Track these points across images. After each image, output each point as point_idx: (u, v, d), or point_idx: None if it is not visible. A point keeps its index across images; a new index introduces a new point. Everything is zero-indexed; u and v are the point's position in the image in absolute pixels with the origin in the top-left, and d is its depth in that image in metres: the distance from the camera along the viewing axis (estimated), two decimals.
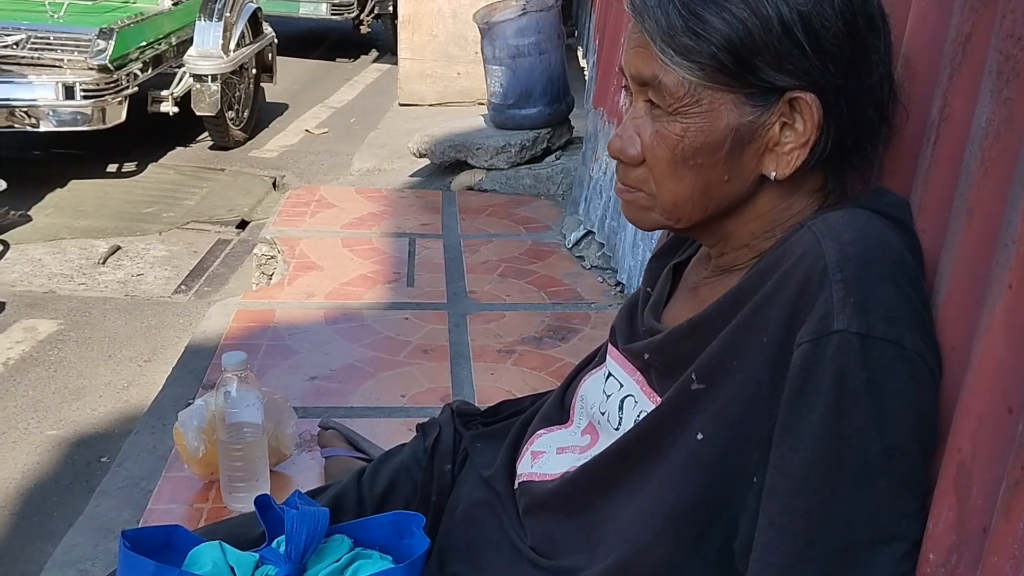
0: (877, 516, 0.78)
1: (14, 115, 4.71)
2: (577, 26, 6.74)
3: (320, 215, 3.71)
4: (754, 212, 0.93)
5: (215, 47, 5.37)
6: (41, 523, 2.44)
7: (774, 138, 0.88)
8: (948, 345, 0.82)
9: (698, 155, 0.88)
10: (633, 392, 0.99)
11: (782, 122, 0.87)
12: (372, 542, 1.11)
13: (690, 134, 0.88)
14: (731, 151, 0.88)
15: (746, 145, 0.88)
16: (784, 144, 0.88)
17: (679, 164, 0.89)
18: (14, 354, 3.27)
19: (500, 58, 4.25)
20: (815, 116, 0.86)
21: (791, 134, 0.87)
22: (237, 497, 1.83)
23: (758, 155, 0.89)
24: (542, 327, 2.79)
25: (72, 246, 4.26)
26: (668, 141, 0.89)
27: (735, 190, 0.91)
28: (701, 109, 0.87)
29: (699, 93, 0.87)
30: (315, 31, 9.74)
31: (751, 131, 0.87)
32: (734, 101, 0.87)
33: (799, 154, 0.88)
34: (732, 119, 0.87)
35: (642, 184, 0.93)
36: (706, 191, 0.90)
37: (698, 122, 0.87)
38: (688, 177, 0.90)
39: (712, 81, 0.86)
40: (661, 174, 0.91)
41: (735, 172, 0.90)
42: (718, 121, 0.87)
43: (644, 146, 0.91)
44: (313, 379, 2.45)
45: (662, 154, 0.90)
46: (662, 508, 0.88)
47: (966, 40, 0.87)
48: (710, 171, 0.89)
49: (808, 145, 0.87)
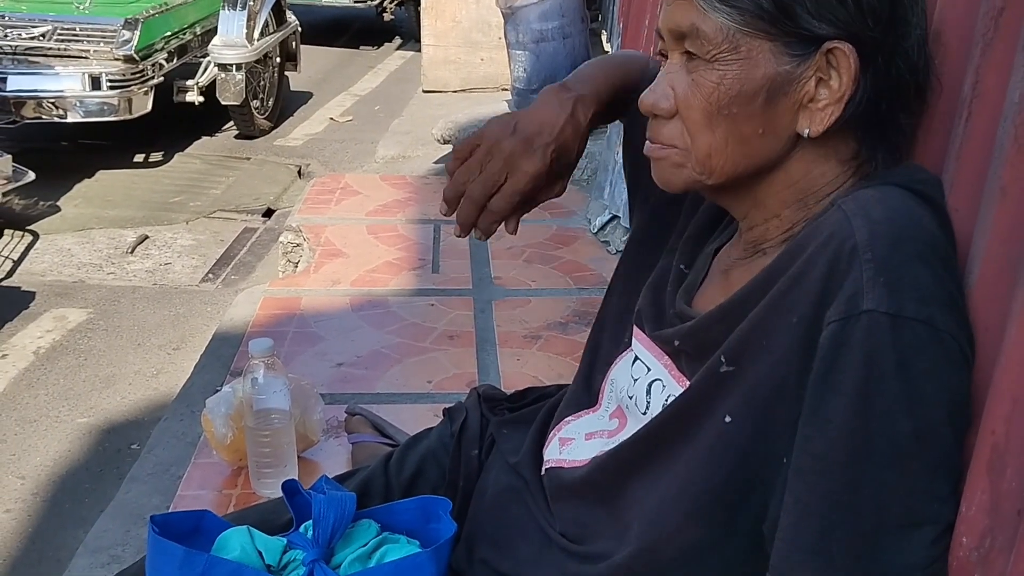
0: (908, 499, 0.77)
1: (42, 106, 4.75)
2: (601, 10, 6.69)
3: (345, 203, 3.71)
4: (786, 178, 0.91)
5: (239, 36, 5.38)
6: (72, 510, 2.47)
7: (809, 94, 0.87)
8: (981, 326, 0.80)
9: (733, 104, 0.87)
10: (661, 376, 0.98)
11: (818, 78, 0.86)
12: (399, 527, 1.11)
13: (726, 81, 0.87)
14: (767, 102, 0.87)
15: (781, 97, 0.87)
16: (819, 100, 0.87)
17: (714, 113, 0.88)
18: (45, 343, 3.31)
19: (524, 43, 4.23)
20: (852, 68, 0.85)
21: (826, 91, 0.87)
22: (265, 483, 1.84)
23: (793, 110, 0.88)
24: (568, 312, 2.79)
25: (101, 236, 4.30)
26: (704, 89, 0.88)
27: (768, 147, 0.90)
28: (739, 56, 0.86)
29: (737, 39, 0.86)
30: (339, 19, 9.75)
31: (787, 82, 0.87)
32: (772, 50, 0.86)
33: (833, 110, 0.87)
34: (769, 68, 0.86)
35: (675, 139, 0.92)
36: (740, 142, 0.89)
37: (735, 69, 0.87)
38: (722, 126, 0.89)
39: (750, 27, 0.85)
40: (695, 124, 0.90)
41: (769, 126, 0.89)
42: (755, 69, 0.87)
43: (678, 98, 0.90)
44: (339, 365, 2.46)
45: (696, 103, 0.89)
46: (691, 492, 0.88)
47: (999, 14, 0.85)
48: (745, 122, 0.88)
49: (843, 101, 0.86)
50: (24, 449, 2.71)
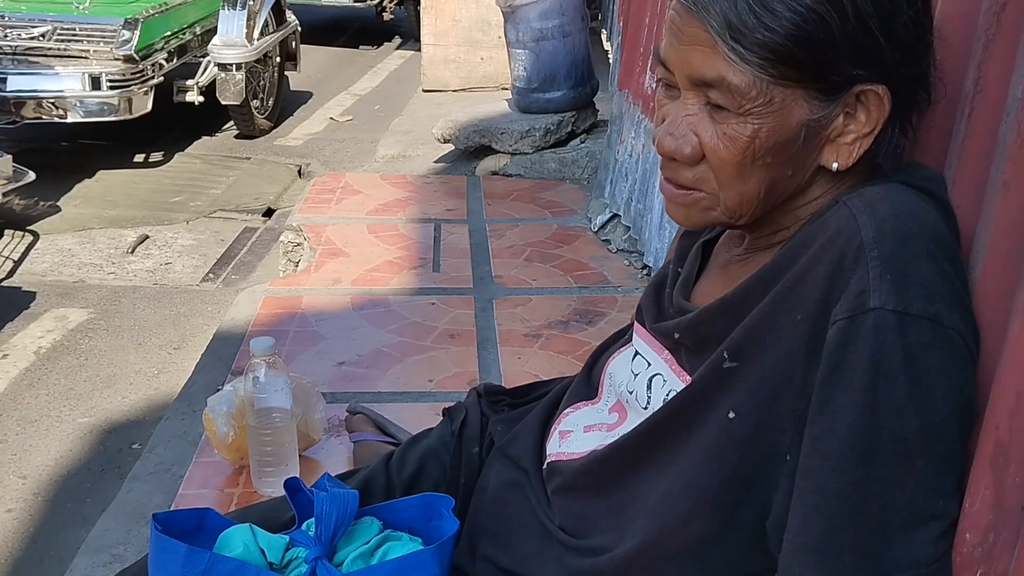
0: (914, 496, 0.77)
1: (42, 106, 4.75)
2: (601, 9, 6.69)
3: (345, 202, 3.71)
4: (805, 199, 0.90)
5: (239, 36, 5.38)
6: (74, 509, 2.46)
7: (837, 129, 0.86)
8: (985, 321, 0.80)
9: (768, 155, 0.85)
10: (662, 371, 0.98)
11: (845, 112, 0.85)
12: (402, 524, 1.11)
13: (762, 134, 0.84)
14: (801, 147, 0.85)
15: (813, 138, 0.85)
16: (847, 135, 0.86)
17: (747, 165, 0.85)
18: (46, 343, 3.31)
19: (524, 41, 4.22)
20: (885, 107, 0.84)
21: (852, 124, 0.85)
22: (267, 482, 1.84)
23: (820, 146, 0.87)
24: (569, 311, 2.79)
25: (101, 236, 4.29)
26: (738, 143, 0.85)
27: (795, 182, 0.88)
28: (773, 108, 0.83)
29: (771, 92, 0.83)
30: (338, 19, 9.74)
31: (820, 125, 0.85)
32: (804, 96, 0.83)
33: (861, 144, 0.86)
34: (803, 114, 0.84)
35: (701, 183, 0.89)
36: (771, 187, 0.87)
37: (770, 122, 0.84)
38: (756, 176, 0.86)
39: (784, 78, 0.82)
40: (727, 176, 0.86)
41: (798, 166, 0.87)
42: (790, 119, 0.84)
43: (705, 146, 0.86)
44: (341, 364, 2.46)
45: (730, 156, 0.85)
46: (693, 487, 0.88)
47: (1000, 10, 0.85)
48: (778, 168, 0.86)
49: (872, 135, 0.85)
50: (25, 449, 2.71)
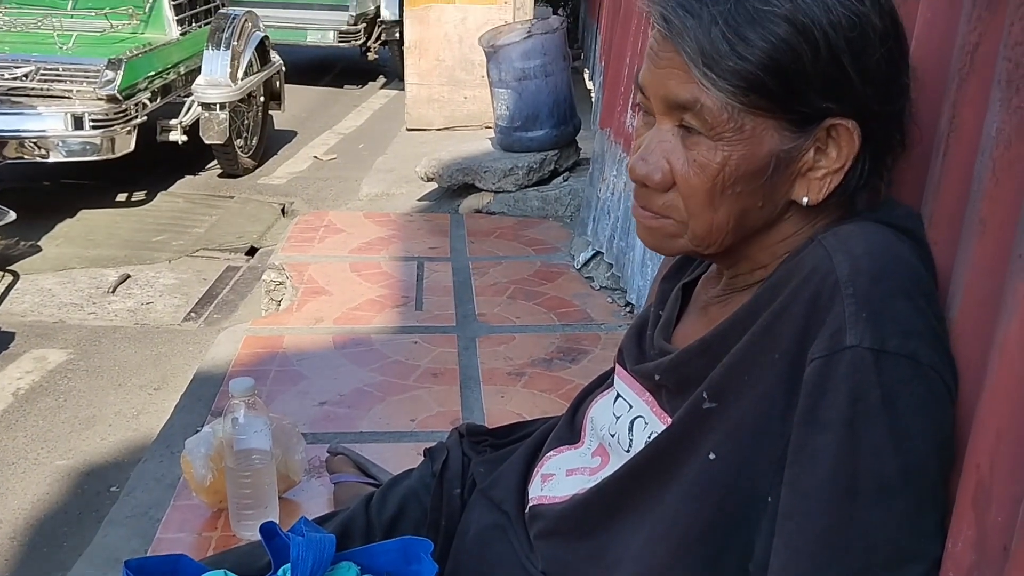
0: (896, 536, 0.76)
1: (24, 146, 4.73)
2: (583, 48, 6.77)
3: (328, 240, 3.71)
4: (778, 235, 0.91)
5: (223, 76, 5.40)
6: (50, 554, 2.42)
7: (807, 163, 0.86)
8: (964, 359, 0.80)
9: (738, 183, 0.85)
10: (643, 413, 0.97)
11: (816, 147, 0.85)
12: (380, 568, 1.09)
13: (732, 161, 0.84)
14: (770, 177, 0.86)
15: (783, 170, 0.86)
16: (817, 169, 0.86)
17: (717, 194, 0.86)
18: (24, 384, 3.27)
19: (506, 81, 4.26)
20: (854, 142, 0.84)
21: (823, 159, 0.86)
22: (246, 525, 1.81)
23: (791, 180, 0.87)
24: (552, 349, 2.78)
25: (82, 275, 4.27)
26: (708, 171, 0.85)
27: (765, 215, 0.89)
28: (744, 136, 0.84)
29: (741, 118, 0.83)
30: (323, 59, 9.80)
31: (790, 157, 0.85)
32: (776, 127, 0.84)
33: (832, 179, 0.86)
34: (773, 145, 0.84)
35: (670, 211, 0.89)
36: (740, 218, 0.88)
37: (741, 150, 0.84)
38: (725, 205, 0.86)
39: (755, 107, 0.83)
40: (697, 204, 0.87)
41: (768, 197, 0.87)
42: (760, 148, 0.84)
43: (676, 173, 0.87)
44: (322, 404, 2.44)
45: (699, 183, 0.86)
46: (676, 530, 0.87)
47: (973, 49, 0.86)
48: (748, 199, 0.86)
49: (842, 171, 0.86)
50: (1, 492, 2.66)
